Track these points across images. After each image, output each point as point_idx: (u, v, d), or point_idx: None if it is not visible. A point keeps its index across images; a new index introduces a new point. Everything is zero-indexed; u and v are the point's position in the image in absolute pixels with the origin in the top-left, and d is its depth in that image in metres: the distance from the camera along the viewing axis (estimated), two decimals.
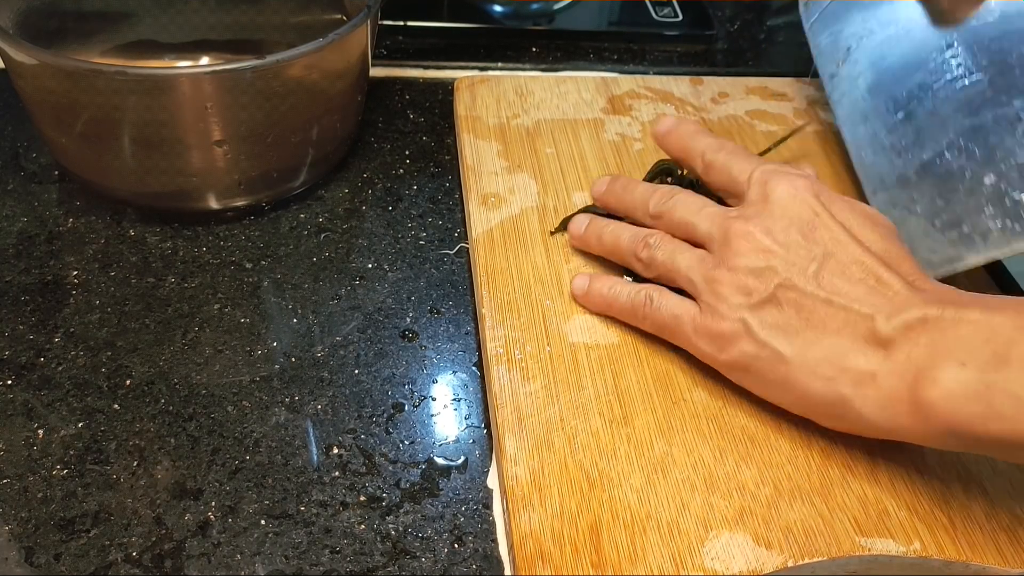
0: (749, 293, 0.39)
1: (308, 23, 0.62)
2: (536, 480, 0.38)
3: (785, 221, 0.40)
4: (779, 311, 0.38)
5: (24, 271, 0.49)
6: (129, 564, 0.37)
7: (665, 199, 0.45)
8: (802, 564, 0.36)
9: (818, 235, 0.39)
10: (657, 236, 0.44)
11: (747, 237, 0.40)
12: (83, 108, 0.48)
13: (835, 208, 0.40)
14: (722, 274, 0.40)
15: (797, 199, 0.40)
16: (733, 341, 0.39)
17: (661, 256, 0.43)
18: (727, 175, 0.44)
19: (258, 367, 0.45)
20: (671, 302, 0.42)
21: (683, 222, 0.43)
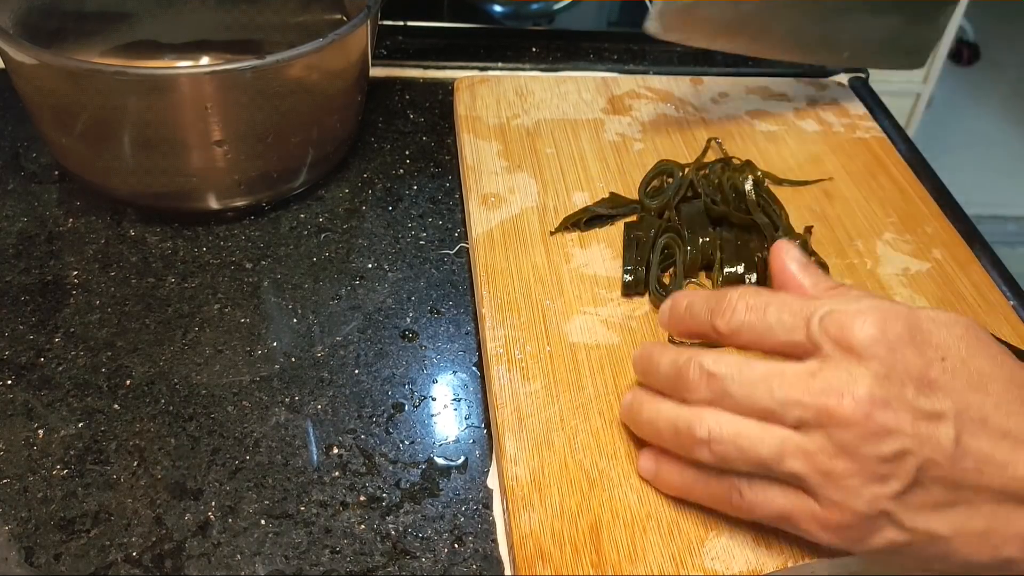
0: (885, 481, 0.32)
1: (308, 23, 0.62)
2: (536, 480, 0.38)
3: (894, 382, 0.32)
4: (926, 493, 0.33)
5: (24, 271, 0.49)
6: (129, 564, 0.37)
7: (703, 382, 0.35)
8: (802, 564, 0.36)
9: (939, 388, 0.33)
10: (707, 423, 0.35)
11: (859, 418, 0.32)
12: (83, 108, 0.48)
13: (938, 339, 0.33)
14: (842, 465, 0.32)
15: (891, 347, 0.33)
16: (875, 532, 0.33)
17: (731, 450, 0.34)
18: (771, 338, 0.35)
19: (258, 367, 0.45)
20: (771, 495, 0.34)
21: (752, 409, 0.34)
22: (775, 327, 0.35)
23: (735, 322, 0.36)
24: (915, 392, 0.32)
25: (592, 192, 0.54)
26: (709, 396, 0.35)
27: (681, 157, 0.57)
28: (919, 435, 0.32)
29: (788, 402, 0.33)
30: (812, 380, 0.33)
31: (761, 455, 0.33)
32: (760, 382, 0.34)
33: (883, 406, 0.32)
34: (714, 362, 0.35)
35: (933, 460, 0.32)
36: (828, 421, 0.32)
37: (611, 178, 0.55)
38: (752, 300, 0.36)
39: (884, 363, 0.32)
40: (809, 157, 0.59)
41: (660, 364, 0.37)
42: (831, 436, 0.32)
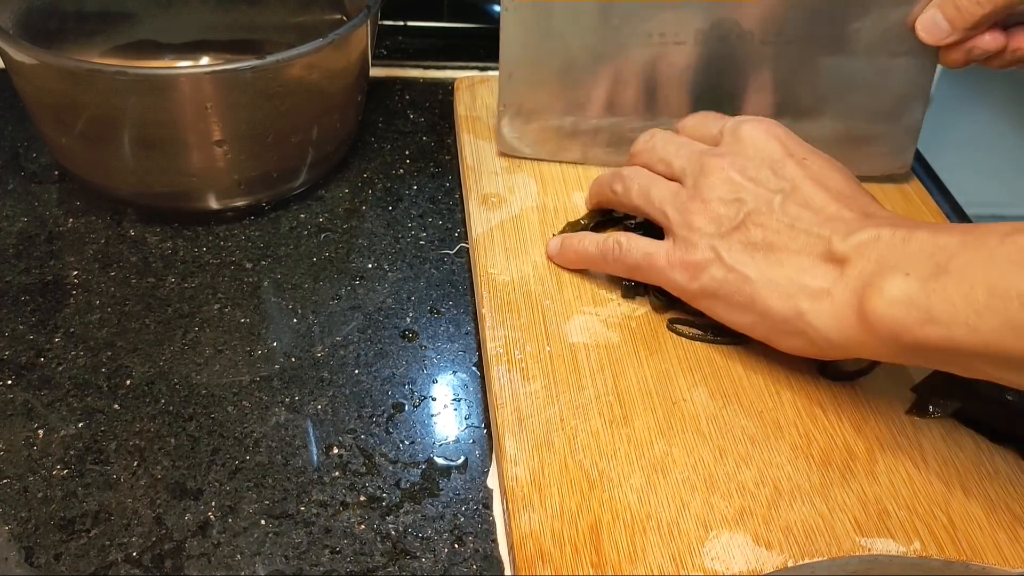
0: (720, 222, 0.41)
1: (308, 23, 0.62)
2: (536, 480, 0.38)
3: (757, 160, 0.42)
4: (746, 237, 0.41)
5: (24, 271, 0.49)
6: (129, 564, 0.37)
7: (646, 138, 0.48)
8: (802, 564, 0.36)
9: (786, 171, 0.42)
10: (632, 168, 0.47)
11: (720, 171, 0.42)
12: (83, 108, 0.48)
13: (802, 150, 0.43)
14: (696, 205, 0.42)
15: (768, 139, 0.43)
16: (704, 268, 0.41)
17: (636, 187, 0.46)
18: (701, 131, 0.47)
19: (258, 367, 0.45)
20: (640, 243, 0.44)
21: (662, 159, 0.46)
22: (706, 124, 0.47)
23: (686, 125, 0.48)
24: (769, 169, 0.42)
25: None
26: (641, 147, 0.48)
27: None
28: (757, 192, 0.41)
29: (681, 155, 0.45)
30: (705, 150, 0.44)
31: (651, 193, 0.45)
32: (673, 143, 0.46)
33: (739, 169, 0.42)
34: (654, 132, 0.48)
35: (759, 211, 0.41)
36: (698, 171, 0.43)
37: None
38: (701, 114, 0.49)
39: (757, 148, 0.43)
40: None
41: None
42: (696, 183, 0.43)
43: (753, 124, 0.44)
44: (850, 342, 0.37)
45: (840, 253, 0.38)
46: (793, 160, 0.42)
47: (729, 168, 0.42)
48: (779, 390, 0.43)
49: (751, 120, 0.45)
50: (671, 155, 0.46)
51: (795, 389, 0.43)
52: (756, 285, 0.40)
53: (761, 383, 0.43)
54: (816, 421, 0.41)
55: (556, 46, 0.51)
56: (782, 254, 0.40)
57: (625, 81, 0.52)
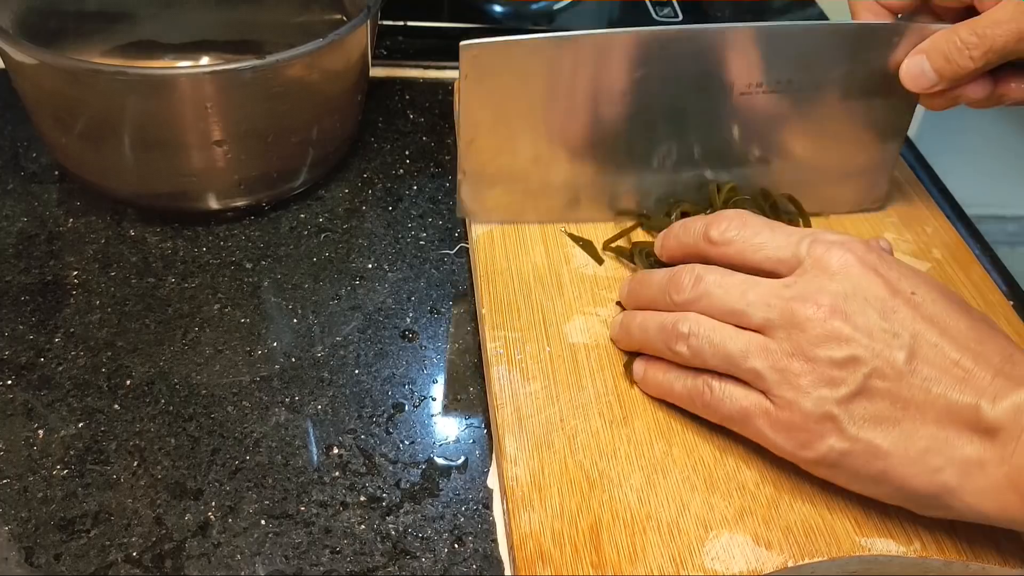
0: (835, 385, 0.35)
1: (308, 23, 0.62)
2: (536, 480, 0.38)
3: (859, 299, 0.35)
4: (871, 403, 0.35)
5: (24, 271, 0.49)
6: (129, 564, 0.37)
7: (691, 283, 0.39)
8: (802, 564, 0.36)
9: (900, 316, 0.35)
10: (689, 321, 0.38)
11: (819, 322, 0.35)
12: (83, 108, 0.48)
13: (907, 283, 0.36)
14: (799, 366, 0.35)
15: (865, 271, 0.36)
16: (821, 437, 0.35)
17: (707, 347, 0.38)
18: (759, 253, 0.39)
19: (258, 367, 0.45)
20: (735, 393, 0.38)
21: (728, 311, 0.38)
22: (766, 244, 0.39)
23: (728, 233, 0.40)
24: (877, 311, 0.35)
25: None
26: (692, 296, 0.39)
27: None
28: (873, 347, 0.35)
29: (757, 303, 0.37)
30: (785, 289, 0.37)
31: (729, 350, 0.37)
32: (738, 286, 0.38)
33: (843, 316, 0.35)
34: (704, 268, 0.40)
35: (883, 371, 0.34)
36: (790, 322, 0.36)
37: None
38: (749, 220, 0.40)
39: (853, 283, 0.36)
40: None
41: (654, 277, 0.42)
42: (791, 337, 0.36)
43: (840, 250, 0.37)
44: (1011, 519, 0.33)
45: (991, 422, 0.33)
46: (903, 300, 0.35)
47: (830, 316, 0.35)
48: None
49: (836, 244, 0.37)
50: (738, 301, 0.37)
51: None
52: (891, 460, 0.34)
53: None
54: None
55: (519, 107, 0.46)
56: (918, 423, 0.34)
57: (594, 137, 0.48)
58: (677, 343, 0.39)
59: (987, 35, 0.42)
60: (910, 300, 0.36)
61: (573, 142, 0.49)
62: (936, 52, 0.44)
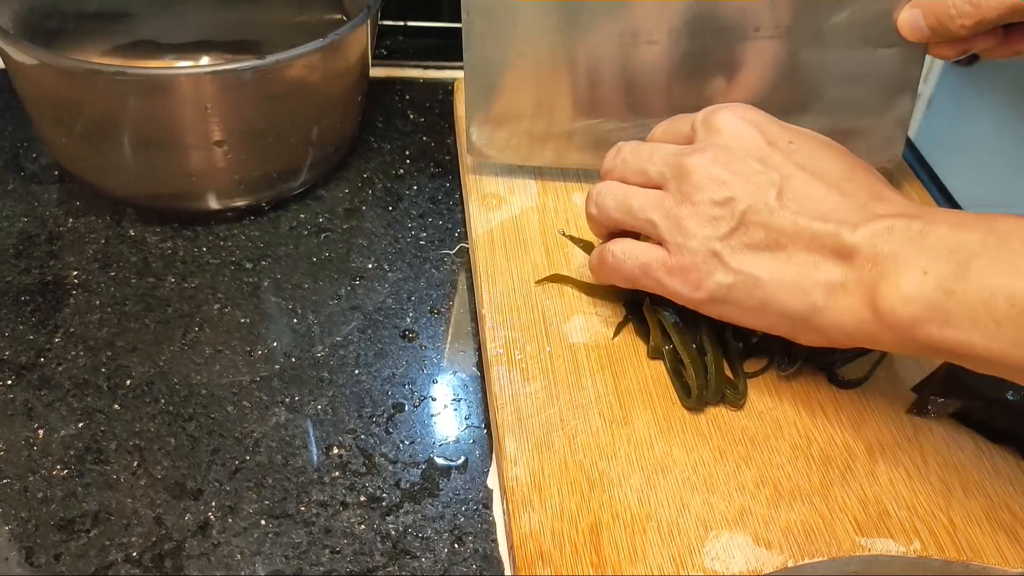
0: (716, 224, 0.39)
1: (308, 23, 0.62)
2: (536, 480, 0.38)
3: (740, 151, 0.40)
4: (748, 237, 0.38)
5: (24, 271, 0.49)
6: (129, 564, 0.37)
7: (613, 154, 0.44)
8: (802, 564, 0.36)
9: (775, 160, 0.39)
10: (602, 184, 0.44)
11: (703, 170, 0.39)
12: (83, 108, 0.48)
13: (785, 135, 0.40)
14: (685, 210, 0.40)
15: (746, 127, 0.41)
16: (708, 274, 0.39)
17: (612, 201, 0.43)
18: (671, 134, 0.44)
19: (258, 367, 0.45)
20: (634, 251, 0.42)
21: (635, 170, 0.43)
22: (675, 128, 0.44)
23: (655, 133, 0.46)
24: (755, 160, 0.39)
25: None
26: (611, 165, 0.44)
27: None
28: (748, 188, 0.39)
29: (656, 161, 0.42)
30: (681, 150, 0.41)
31: (630, 204, 0.42)
32: (646, 150, 0.43)
33: (723, 164, 0.39)
34: (624, 143, 0.45)
35: (757, 208, 0.38)
36: (680, 174, 0.40)
37: None
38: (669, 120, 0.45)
39: (734, 134, 0.40)
40: None
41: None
42: (680, 187, 0.40)
43: (726, 112, 0.41)
44: (868, 337, 0.36)
45: (850, 246, 0.36)
46: (779, 149, 0.40)
47: (712, 164, 0.39)
48: (779, 390, 0.43)
49: (722, 108, 0.42)
50: (644, 162, 0.42)
51: (795, 389, 0.43)
52: (769, 286, 0.38)
53: (761, 383, 0.43)
54: (816, 421, 0.41)
55: (523, 49, 0.49)
56: (789, 251, 0.38)
57: (597, 82, 0.50)
58: (590, 205, 0.44)
59: (981, 5, 0.44)
60: (786, 148, 0.40)
61: (576, 87, 0.50)
62: (930, 11, 0.46)
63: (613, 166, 0.44)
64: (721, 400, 0.42)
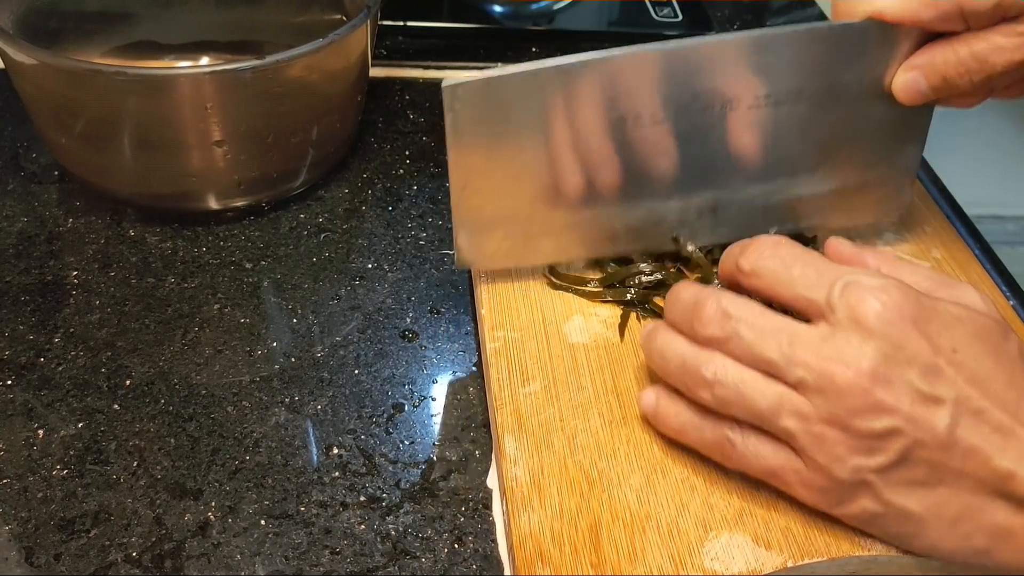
0: (871, 455, 0.33)
1: (308, 23, 0.62)
2: (536, 481, 0.38)
3: (899, 362, 0.33)
4: (908, 471, 0.33)
5: (24, 271, 0.49)
6: (129, 564, 0.37)
7: (718, 319, 0.36)
8: (802, 564, 0.36)
9: (945, 379, 0.33)
10: (715, 365, 0.36)
11: (861, 392, 0.33)
12: (83, 108, 0.48)
13: (944, 331, 0.34)
14: (833, 433, 0.33)
15: (904, 325, 0.33)
16: (853, 499, 0.35)
17: (732, 395, 0.35)
18: (789, 289, 0.36)
19: (258, 367, 0.45)
20: (762, 451, 0.36)
21: (759, 359, 0.35)
22: (797, 280, 0.36)
23: (760, 264, 0.37)
24: (918, 375, 0.33)
25: None
26: (720, 334, 0.35)
27: None
28: (914, 417, 0.33)
29: (794, 359, 0.34)
30: (823, 344, 0.34)
31: (759, 406, 0.35)
32: (771, 332, 0.35)
33: (884, 384, 0.33)
34: (731, 302, 0.36)
35: (923, 441, 0.33)
36: (828, 387, 0.33)
37: None
38: (784, 250, 0.37)
39: (893, 343, 0.33)
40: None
41: (682, 295, 0.38)
42: (828, 403, 0.33)
43: (877, 300, 0.34)
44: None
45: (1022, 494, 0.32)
46: (945, 360, 0.33)
47: (871, 386, 0.33)
48: None
49: (872, 291, 0.34)
50: (769, 349, 0.34)
51: None
52: (924, 524, 0.34)
53: None
54: None
55: (513, 145, 0.43)
56: (952, 490, 0.33)
57: (599, 169, 0.45)
58: (700, 388, 0.36)
59: (989, 61, 0.41)
60: (952, 359, 0.33)
61: (572, 177, 0.45)
62: (934, 72, 0.42)
63: (723, 336, 0.35)
64: None
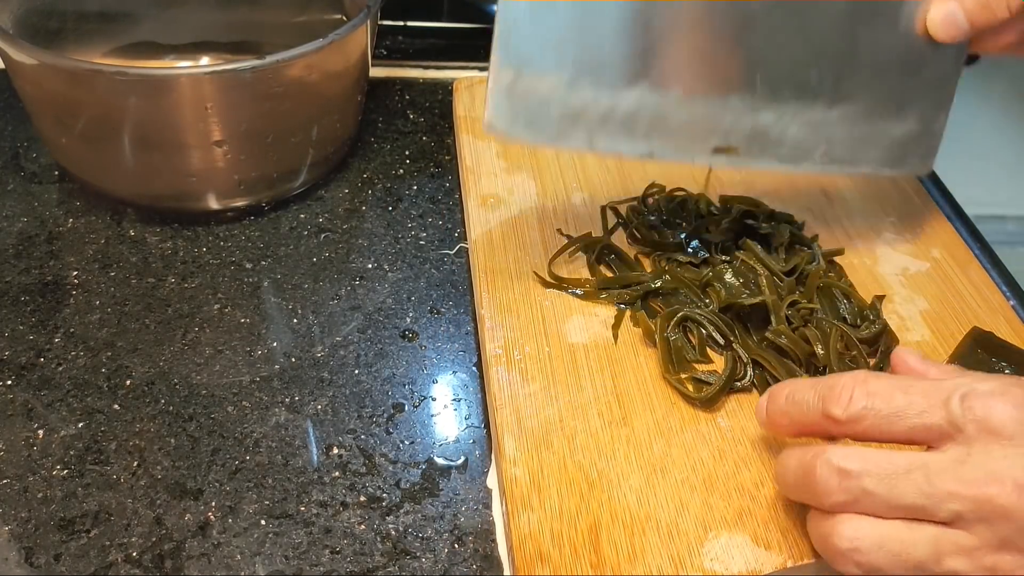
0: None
1: (308, 23, 0.62)
2: (535, 481, 0.38)
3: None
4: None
5: (24, 271, 0.50)
6: (129, 564, 0.37)
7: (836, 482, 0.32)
8: (801, 564, 0.36)
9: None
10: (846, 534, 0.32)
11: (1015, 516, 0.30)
12: (83, 108, 0.48)
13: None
14: (1009, 559, 0.30)
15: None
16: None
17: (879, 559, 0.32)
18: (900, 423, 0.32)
19: (258, 367, 0.45)
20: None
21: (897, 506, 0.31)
22: (905, 410, 0.32)
23: (855, 407, 0.33)
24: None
25: (591, 193, 0.54)
26: (844, 498, 0.32)
27: None
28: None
29: (940, 495, 0.30)
30: (963, 468, 0.30)
31: (916, 559, 0.31)
32: (903, 475, 0.31)
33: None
34: (844, 457, 0.32)
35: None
36: (989, 512, 0.30)
37: (611, 179, 0.55)
38: (873, 385, 0.33)
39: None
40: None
41: (788, 466, 0.34)
42: (993, 529, 0.30)
43: (1002, 403, 0.31)
44: None
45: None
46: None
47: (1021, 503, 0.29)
48: None
49: (993, 396, 0.31)
50: (909, 495, 0.31)
51: None
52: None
53: None
54: None
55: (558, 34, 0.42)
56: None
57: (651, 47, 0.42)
58: (841, 563, 0.32)
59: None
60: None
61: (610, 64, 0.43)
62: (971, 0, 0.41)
63: (851, 499, 0.32)
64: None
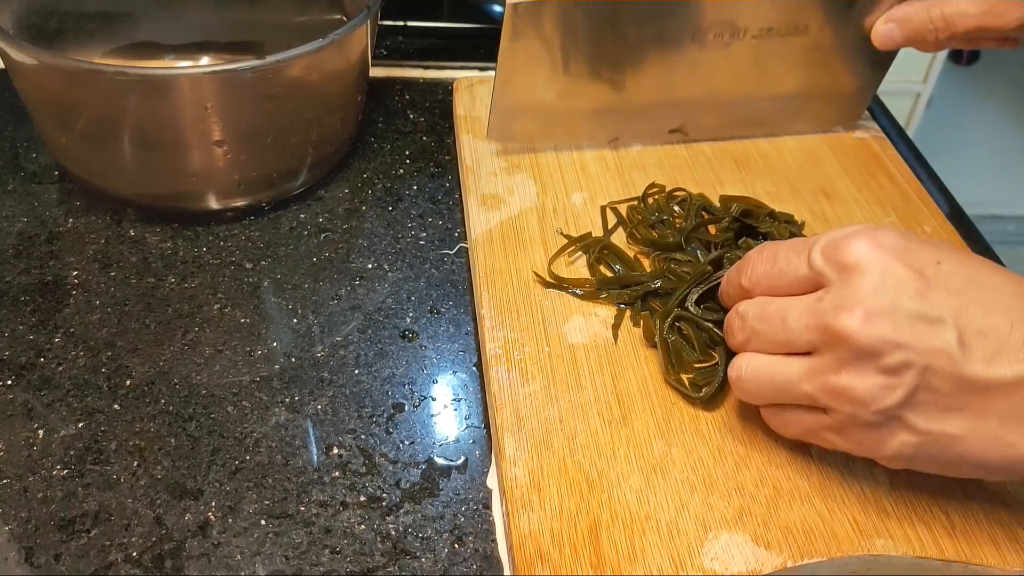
0: (891, 391, 0.33)
1: (308, 23, 0.62)
2: (535, 481, 0.38)
3: (889, 293, 0.33)
4: (931, 395, 0.33)
5: (24, 271, 0.50)
6: (129, 564, 0.37)
7: (739, 326, 0.39)
8: (802, 564, 0.36)
9: (936, 298, 0.33)
10: (739, 359, 0.39)
11: (860, 333, 0.33)
12: (83, 108, 0.48)
13: (935, 263, 0.34)
14: (847, 378, 0.34)
15: (888, 261, 0.34)
16: (890, 437, 0.34)
17: (753, 383, 0.38)
18: (783, 280, 0.38)
19: (258, 367, 0.45)
20: (795, 417, 0.38)
21: (773, 341, 0.37)
22: (784, 269, 0.37)
23: (755, 275, 0.39)
24: (912, 298, 0.33)
25: (591, 193, 0.54)
26: (742, 337, 0.38)
27: (680, 156, 0.57)
28: (920, 343, 0.33)
29: (798, 329, 0.36)
30: (818, 304, 0.35)
31: (777, 384, 0.37)
32: (776, 315, 0.37)
33: (880, 316, 0.33)
34: (745, 304, 0.39)
35: (935, 365, 0.33)
36: (832, 338, 0.34)
37: (610, 179, 0.55)
38: (767, 251, 0.39)
39: (878, 273, 0.34)
40: (808, 157, 0.59)
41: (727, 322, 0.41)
42: (835, 352, 0.34)
43: (858, 244, 0.35)
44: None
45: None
46: (932, 282, 0.34)
47: (866, 325, 0.33)
48: None
49: (850, 238, 0.35)
50: (778, 331, 0.36)
51: None
52: (967, 442, 0.33)
53: None
54: None
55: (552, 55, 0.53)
56: (984, 401, 0.33)
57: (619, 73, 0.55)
58: (736, 388, 0.39)
59: (955, 24, 0.50)
60: (939, 277, 0.34)
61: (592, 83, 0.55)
62: (908, 25, 0.52)
63: (744, 338, 0.38)
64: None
